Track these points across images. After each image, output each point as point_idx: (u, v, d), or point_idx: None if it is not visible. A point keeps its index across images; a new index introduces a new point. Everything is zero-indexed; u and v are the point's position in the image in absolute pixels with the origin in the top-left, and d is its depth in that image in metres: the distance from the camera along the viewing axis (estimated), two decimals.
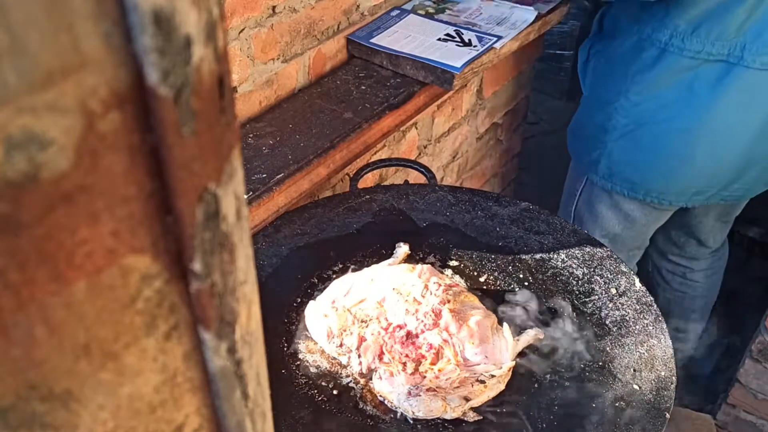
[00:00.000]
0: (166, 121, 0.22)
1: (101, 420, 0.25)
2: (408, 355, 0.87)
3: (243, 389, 0.31)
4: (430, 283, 0.94)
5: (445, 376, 0.86)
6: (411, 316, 0.90)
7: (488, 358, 0.88)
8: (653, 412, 0.86)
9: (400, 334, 0.89)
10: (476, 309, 0.93)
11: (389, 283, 0.94)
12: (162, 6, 0.20)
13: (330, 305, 0.92)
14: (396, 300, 0.92)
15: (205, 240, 0.25)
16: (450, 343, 0.88)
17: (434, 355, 0.88)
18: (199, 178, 0.24)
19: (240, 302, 0.28)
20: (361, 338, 0.89)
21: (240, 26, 1.19)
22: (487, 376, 0.87)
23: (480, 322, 0.90)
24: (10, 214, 0.19)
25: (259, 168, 1.17)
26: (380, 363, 0.88)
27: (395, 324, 0.90)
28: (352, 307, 0.92)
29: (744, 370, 1.77)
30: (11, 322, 0.21)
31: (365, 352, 0.88)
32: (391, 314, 0.91)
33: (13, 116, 0.18)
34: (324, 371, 0.92)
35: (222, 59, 0.23)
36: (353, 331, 0.90)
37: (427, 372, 0.86)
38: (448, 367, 0.86)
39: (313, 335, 0.93)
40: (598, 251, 1.08)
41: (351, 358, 0.89)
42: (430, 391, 0.84)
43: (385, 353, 0.88)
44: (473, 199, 1.19)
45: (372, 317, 0.91)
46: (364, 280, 0.95)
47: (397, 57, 1.42)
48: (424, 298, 0.92)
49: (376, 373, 0.88)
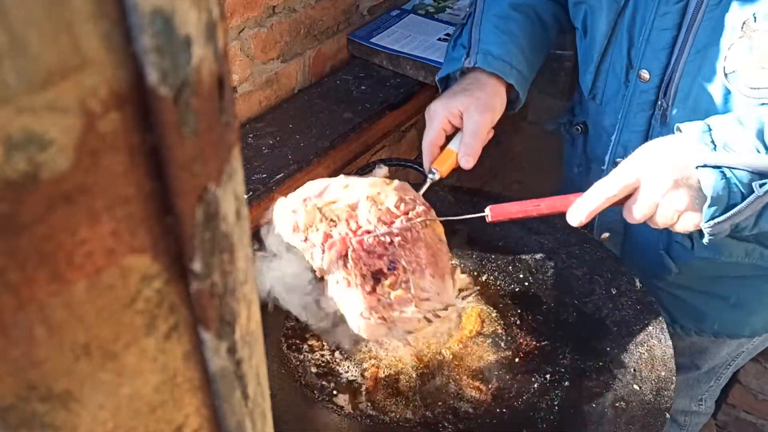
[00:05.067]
0: (166, 121, 0.22)
1: (101, 420, 0.25)
2: (370, 267, 0.85)
3: (243, 389, 0.31)
4: (407, 197, 0.91)
5: (400, 310, 0.84)
6: (383, 226, 0.87)
7: (440, 296, 0.86)
8: (653, 412, 0.86)
9: (368, 239, 0.86)
10: (442, 242, 0.91)
11: (364, 191, 0.90)
12: (162, 6, 0.20)
13: (300, 202, 0.89)
14: (369, 207, 0.88)
15: (205, 240, 0.25)
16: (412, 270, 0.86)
17: (394, 278, 0.86)
18: (199, 179, 0.24)
19: (240, 302, 0.28)
20: (327, 235, 0.86)
21: (240, 26, 1.19)
22: (433, 314, 0.86)
23: (443, 258, 0.88)
24: (10, 214, 0.19)
25: (259, 168, 1.17)
26: (342, 268, 0.86)
27: (364, 228, 0.87)
28: (323, 206, 0.89)
29: (744, 370, 1.77)
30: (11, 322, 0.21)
31: (330, 248, 0.86)
32: (363, 220, 0.87)
33: (13, 116, 0.18)
34: (324, 370, 0.92)
35: (222, 59, 0.23)
36: (320, 228, 0.86)
37: (383, 296, 0.85)
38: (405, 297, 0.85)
39: (279, 229, 0.88)
40: (598, 251, 1.08)
41: (314, 253, 0.86)
42: (380, 319, 0.83)
43: (349, 258, 0.85)
44: (473, 199, 1.19)
45: (342, 219, 0.89)
46: (339, 185, 0.91)
47: (397, 57, 1.42)
48: (398, 210, 0.89)
49: (333, 275, 0.85)
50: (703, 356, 1.30)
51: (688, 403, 1.44)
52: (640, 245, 1.15)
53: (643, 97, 1.02)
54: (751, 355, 1.35)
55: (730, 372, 1.39)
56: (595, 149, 1.17)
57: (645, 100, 1.02)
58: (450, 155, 1.04)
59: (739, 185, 0.79)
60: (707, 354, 1.30)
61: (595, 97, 1.12)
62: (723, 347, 1.28)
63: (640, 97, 1.02)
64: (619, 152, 1.08)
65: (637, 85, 1.01)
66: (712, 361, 1.32)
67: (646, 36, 0.98)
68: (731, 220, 0.81)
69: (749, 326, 1.20)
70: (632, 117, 1.05)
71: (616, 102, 1.07)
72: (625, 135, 1.07)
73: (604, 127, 1.12)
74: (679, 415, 1.48)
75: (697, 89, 0.95)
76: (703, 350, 1.29)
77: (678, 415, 1.48)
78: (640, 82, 1.01)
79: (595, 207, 0.86)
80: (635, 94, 1.03)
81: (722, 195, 0.79)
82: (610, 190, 0.85)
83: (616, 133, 1.08)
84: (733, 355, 1.32)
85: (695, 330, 1.22)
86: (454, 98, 1.02)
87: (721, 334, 1.22)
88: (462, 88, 1.04)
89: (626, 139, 1.07)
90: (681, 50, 0.95)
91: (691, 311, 1.19)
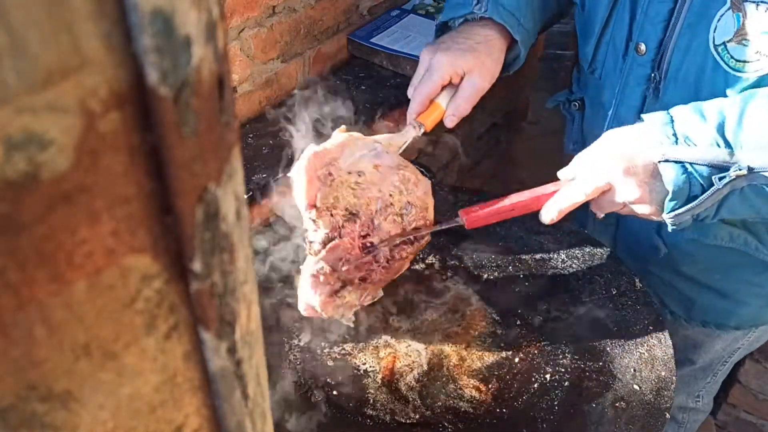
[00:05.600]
0: (166, 121, 0.22)
1: (101, 420, 0.25)
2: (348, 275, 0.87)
3: (243, 389, 0.31)
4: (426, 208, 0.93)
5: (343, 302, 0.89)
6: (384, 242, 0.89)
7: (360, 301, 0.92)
8: (653, 412, 0.86)
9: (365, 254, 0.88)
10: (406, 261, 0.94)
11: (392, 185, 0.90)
12: (162, 6, 0.20)
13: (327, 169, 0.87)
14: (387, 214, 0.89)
15: (205, 240, 0.25)
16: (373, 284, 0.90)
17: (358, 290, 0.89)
18: (199, 178, 0.24)
19: (240, 302, 0.28)
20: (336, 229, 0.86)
21: (240, 26, 1.19)
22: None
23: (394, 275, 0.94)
24: (10, 214, 0.19)
25: (259, 168, 1.17)
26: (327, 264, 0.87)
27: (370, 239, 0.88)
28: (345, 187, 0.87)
29: (744, 370, 1.77)
30: (11, 322, 0.21)
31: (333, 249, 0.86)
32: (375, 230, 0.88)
33: (13, 116, 0.18)
34: (324, 370, 0.92)
35: (222, 59, 0.23)
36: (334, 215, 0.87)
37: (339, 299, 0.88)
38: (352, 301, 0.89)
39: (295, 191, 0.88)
40: (598, 251, 1.08)
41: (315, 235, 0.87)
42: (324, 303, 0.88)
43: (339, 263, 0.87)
44: (473, 199, 1.19)
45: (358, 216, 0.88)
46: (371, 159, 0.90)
47: (397, 57, 1.42)
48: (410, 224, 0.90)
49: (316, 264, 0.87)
50: (697, 351, 1.31)
51: (685, 400, 1.44)
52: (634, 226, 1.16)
53: (639, 71, 1.02)
54: (748, 351, 1.35)
55: (726, 368, 1.39)
56: (592, 125, 1.17)
57: (641, 74, 1.02)
58: (437, 110, 1.02)
59: (699, 178, 0.81)
60: (702, 348, 1.30)
61: (594, 72, 1.12)
62: (716, 341, 1.28)
63: (637, 71, 1.02)
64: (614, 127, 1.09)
65: (635, 58, 1.02)
66: (707, 356, 1.32)
67: (644, 8, 0.98)
68: (692, 211, 0.83)
69: (736, 317, 1.21)
70: (629, 92, 1.05)
71: (614, 76, 1.08)
72: (621, 110, 1.07)
73: (601, 103, 1.12)
74: (678, 412, 1.48)
75: (688, 63, 0.95)
76: (698, 344, 1.29)
77: (676, 412, 1.48)
78: (637, 56, 1.01)
79: (567, 207, 0.90)
80: (632, 67, 1.03)
81: (683, 188, 0.82)
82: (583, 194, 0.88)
83: (612, 108, 1.09)
84: (729, 351, 1.32)
85: (684, 317, 1.23)
86: (462, 56, 1.00)
87: (709, 324, 1.23)
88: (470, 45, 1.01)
89: (623, 114, 1.07)
90: (675, 23, 0.95)
91: (680, 297, 1.20)
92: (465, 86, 1.01)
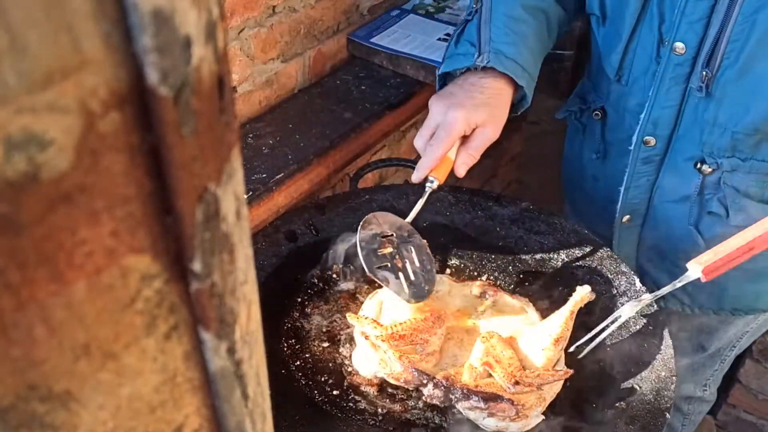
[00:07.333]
0: (166, 121, 0.22)
1: (101, 420, 0.25)
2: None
3: (243, 389, 0.31)
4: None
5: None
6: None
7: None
8: (653, 412, 0.86)
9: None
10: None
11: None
12: (162, 6, 0.20)
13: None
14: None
15: (205, 240, 0.25)
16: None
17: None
18: (199, 178, 0.24)
19: (240, 302, 0.28)
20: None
21: (240, 26, 1.19)
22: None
23: None
24: (10, 214, 0.19)
25: (259, 168, 1.17)
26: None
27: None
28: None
29: (744, 370, 1.77)
30: (11, 322, 0.21)
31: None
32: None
33: (13, 116, 0.18)
34: (324, 371, 0.92)
35: (222, 59, 0.23)
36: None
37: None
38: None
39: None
40: (598, 251, 1.08)
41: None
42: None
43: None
44: (473, 199, 1.19)
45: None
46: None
47: (397, 57, 1.42)
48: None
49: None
50: (710, 337, 1.32)
51: (693, 389, 1.45)
52: (664, 224, 1.16)
53: (677, 71, 1.03)
54: (755, 336, 1.38)
55: (734, 354, 1.41)
56: (617, 132, 1.18)
57: (679, 74, 1.03)
58: (447, 162, 1.02)
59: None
60: (715, 335, 1.31)
61: (621, 79, 1.13)
62: (731, 327, 1.30)
63: (674, 71, 1.04)
64: (648, 129, 1.10)
65: (671, 59, 1.03)
66: (718, 342, 1.33)
67: (681, 9, 0.99)
68: None
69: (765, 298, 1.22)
70: (664, 93, 1.06)
71: (645, 80, 1.09)
72: (655, 112, 1.08)
73: (627, 109, 1.13)
74: (683, 402, 1.49)
75: (749, 51, 0.97)
76: (712, 330, 1.31)
77: (682, 403, 1.49)
78: (674, 56, 1.02)
79: None
80: (668, 68, 1.04)
81: None
82: None
83: (645, 111, 1.09)
84: (738, 335, 1.34)
85: (714, 309, 1.24)
86: (475, 111, 1.00)
87: (739, 310, 1.24)
88: (483, 101, 1.02)
89: (656, 115, 1.08)
90: (727, 17, 0.96)
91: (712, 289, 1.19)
92: (477, 137, 1.01)
